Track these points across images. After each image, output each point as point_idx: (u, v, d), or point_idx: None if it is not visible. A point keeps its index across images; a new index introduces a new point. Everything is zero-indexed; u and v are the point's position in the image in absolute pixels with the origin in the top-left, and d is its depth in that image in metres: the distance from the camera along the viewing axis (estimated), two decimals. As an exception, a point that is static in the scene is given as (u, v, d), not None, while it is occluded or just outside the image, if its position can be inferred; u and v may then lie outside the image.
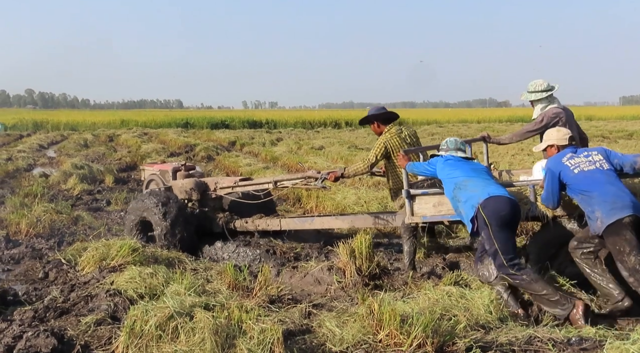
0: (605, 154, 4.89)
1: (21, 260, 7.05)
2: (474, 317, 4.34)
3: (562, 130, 5.31)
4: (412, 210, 5.74)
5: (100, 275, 5.77)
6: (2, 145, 26.41)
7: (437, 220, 5.81)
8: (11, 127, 40.77)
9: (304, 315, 4.76)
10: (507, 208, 4.75)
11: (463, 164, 5.33)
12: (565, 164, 4.86)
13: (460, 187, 5.06)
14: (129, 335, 4.09)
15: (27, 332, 4.28)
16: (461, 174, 5.14)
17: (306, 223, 7.51)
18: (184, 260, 6.55)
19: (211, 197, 8.27)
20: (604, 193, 4.58)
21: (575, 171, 4.77)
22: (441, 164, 5.36)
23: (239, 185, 8.00)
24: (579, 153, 4.94)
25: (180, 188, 8.25)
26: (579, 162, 4.82)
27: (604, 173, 4.71)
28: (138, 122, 46.04)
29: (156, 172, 9.27)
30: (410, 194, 5.70)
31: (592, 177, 4.69)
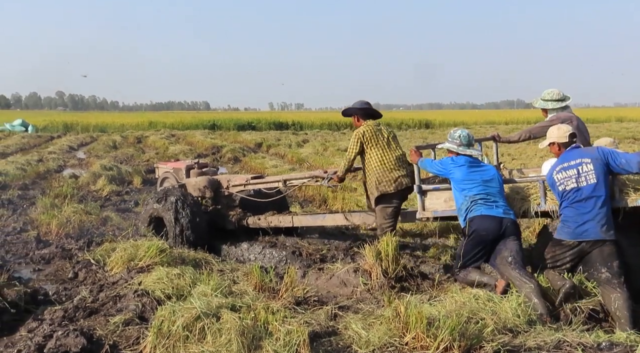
0: (600, 161, 4.90)
1: (51, 260, 7.16)
2: (501, 320, 4.29)
3: (562, 127, 5.29)
4: (423, 205, 5.86)
5: (129, 275, 5.82)
6: (33, 146, 26.85)
7: (448, 215, 5.84)
8: (42, 128, 41.37)
9: (329, 317, 4.75)
10: (491, 229, 5.16)
11: (477, 173, 5.42)
12: (554, 177, 5.07)
13: (466, 203, 5.32)
14: (156, 336, 4.13)
15: (57, 331, 4.34)
16: (471, 186, 5.34)
17: (318, 220, 7.59)
18: (210, 261, 6.58)
19: (224, 195, 8.33)
20: (566, 214, 4.96)
21: (559, 188, 5.02)
22: (453, 168, 5.48)
23: (251, 183, 8.08)
24: (574, 158, 5.01)
25: (193, 186, 8.31)
26: (564, 177, 4.98)
27: (580, 192, 4.87)
28: (166, 124, 46.45)
29: (170, 170, 9.42)
30: (421, 189, 5.82)
31: (566, 196, 4.96)
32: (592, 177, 4.86)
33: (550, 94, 6.28)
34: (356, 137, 6.40)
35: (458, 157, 5.56)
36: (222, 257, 7.30)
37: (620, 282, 4.70)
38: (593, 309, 4.66)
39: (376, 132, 6.42)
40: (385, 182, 6.27)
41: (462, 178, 5.40)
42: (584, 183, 4.87)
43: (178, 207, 7.52)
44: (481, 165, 5.58)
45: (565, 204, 4.97)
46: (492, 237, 5.16)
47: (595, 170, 4.87)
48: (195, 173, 8.96)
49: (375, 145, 6.35)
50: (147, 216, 7.85)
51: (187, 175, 9.03)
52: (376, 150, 6.35)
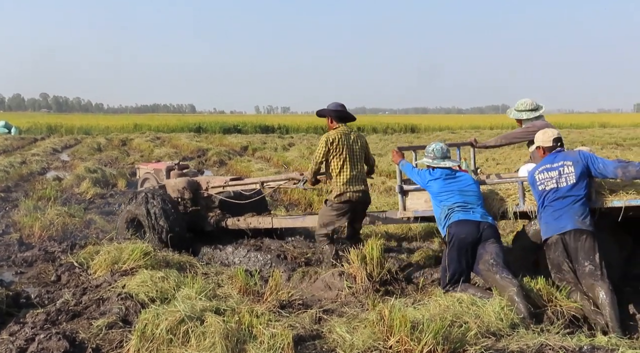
0: (581, 164, 5.13)
1: (34, 263, 7.09)
2: (484, 324, 4.31)
3: (548, 132, 5.49)
4: (404, 205, 6.02)
5: (112, 278, 5.80)
6: (17, 148, 26.61)
7: (429, 215, 5.92)
8: (25, 130, 41.02)
9: (314, 321, 4.75)
10: (469, 232, 5.24)
11: (452, 183, 5.57)
12: (536, 177, 5.29)
13: (444, 211, 5.46)
14: (140, 339, 4.10)
15: (39, 335, 4.32)
16: (448, 197, 5.49)
17: (297, 221, 7.67)
18: (195, 265, 6.57)
19: (203, 196, 8.39)
20: (545, 213, 5.16)
21: (539, 188, 5.24)
22: (430, 181, 5.64)
23: (229, 184, 8.14)
24: (556, 161, 5.23)
25: (173, 187, 8.38)
26: (545, 178, 5.20)
27: (557, 193, 5.11)
28: (151, 127, 46.22)
29: (150, 171, 9.51)
30: (402, 189, 5.98)
31: (545, 195, 5.18)
32: (572, 178, 5.10)
33: (524, 105, 6.45)
34: (324, 141, 6.41)
35: (435, 170, 5.69)
36: (200, 258, 7.27)
37: (603, 273, 4.86)
38: (574, 315, 4.70)
39: (345, 142, 6.39)
40: (336, 192, 6.32)
41: (439, 190, 5.55)
42: (564, 183, 5.11)
43: (156, 208, 7.55)
44: (457, 175, 5.67)
45: (544, 204, 5.18)
46: (471, 240, 5.25)
47: (576, 172, 5.10)
48: (175, 174, 9.00)
49: (339, 155, 6.35)
50: (126, 217, 7.86)
51: (167, 176, 9.06)
52: (338, 160, 6.35)
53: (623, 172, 5.03)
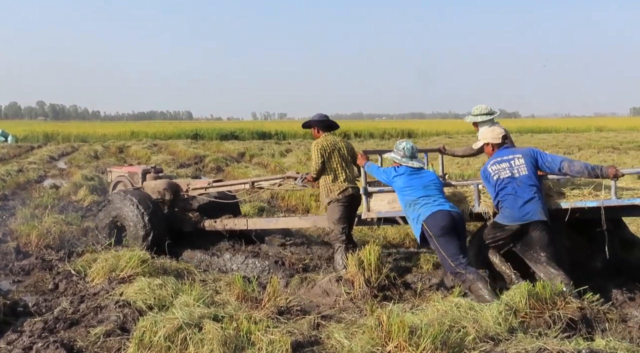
0: (530, 158, 5.49)
1: (31, 271, 7.07)
2: (483, 328, 4.31)
3: (496, 129, 5.89)
4: (368, 207, 6.26)
5: (110, 286, 5.78)
6: (13, 156, 26.58)
7: (391, 215, 6.24)
8: (22, 138, 41.02)
9: (312, 327, 4.75)
10: (446, 219, 5.45)
11: (416, 179, 5.81)
12: (489, 169, 5.59)
13: (410, 206, 5.68)
14: (138, 347, 4.10)
15: (37, 343, 4.31)
16: (412, 192, 5.72)
17: (271, 223, 7.99)
18: (193, 272, 6.56)
19: (183, 198, 8.59)
20: (506, 201, 5.40)
21: (494, 177, 5.52)
22: (395, 176, 5.89)
23: (213, 186, 8.41)
24: (506, 154, 5.59)
25: (152, 189, 8.48)
26: (499, 169, 5.51)
27: (515, 181, 5.41)
28: (148, 134, 46.26)
29: (124, 174, 9.55)
30: (367, 191, 6.24)
31: (504, 184, 5.45)
32: (524, 169, 5.42)
33: (479, 109, 6.78)
34: (316, 147, 6.68)
35: (400, 167, 5.94)
36: (198, 265, 7.25)
37: (558, 263, 5.30)
38: (571, 318, 4.70)
39: (333, 147, 6.70)
40: (334, 191, 6.58)
41: (404, 185, 5.79)
42: (517, 174, 5.42)
43: (140, 208, 7.68)
44: (421, 172, 5.91)
45: (502, 194, 5.44)
46: (451, 226, 5.45)
47: (526, 164, 5.44)
48: (151, 177, 9.12)
49: (329, 160, 6.65)
50: (107, 220, 7.98)
51: (143, 179, 9.14)
52: (330, 164, 6.66)
53: (569, 165, 5.37)
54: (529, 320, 4.63)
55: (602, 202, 5.29)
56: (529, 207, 5.28)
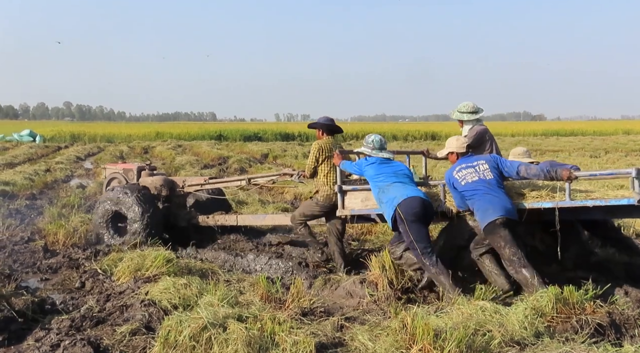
0: (493, 163, 5.77)
1: (58, 269, 7.17)
2: (508, 332, 4.27)
3: (461, 139, 6.11)
4: (343, 204, 6.53)
5: (135, 285, 5.85)
6: (41, 156, 26.98)
7: (365, 213, 6.51)
8: (50, 139, 41.56)
9: (336, 328, 4.75)
10: (419, 206, 5.66)
11: (386, 167, 6.12)
12: (455, 176, 5.79)
13: (383, 191, 5.90)
14: (163, 346, 4.14)
15: (64, 341, 4.37)
16: (384, 178, 5.98)
17: (259, 220, 8.52)
18: (217, 272, 6.61)
19: (178, 195, 9.05)
20: (482, 201, 5.52)
21: (462, 183, 5.71)
22: (366, 166, 6.16)
23: (209, 182, 8.92)
24: (470, 161, 5.85)
25: (150, 185, 8.85)
26: (466, 174, 5.73)
27: (485, 182, 5.61)
28: (172, 135, 46.59)
29: (119, 171, 9.93)
30: (342, 189, 6.50)
31: (475, 187, 5.62)
32: (489, 174, 5.68)
33: (466, 107, 6.92)
34: (316, 147, 7.06)
35: (370, 157, 6.23)
36: (222, 265, 7.29)
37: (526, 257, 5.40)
38: (599, 323, 4.64)
39: (330, 152, 7.01)
40: (322, 194, 6.95)
41: (375, 173, 6.04)
42: (485, 177, 5.65)
43: (141, 202, 8.12)
44: (391, 162, 6.22)
45: (477, 196, 5.58)
46: (422, 214, 5.67)
47: (490, 169, 5.71)
48: (146, 174, 9.46)
49: (326, 161, 6.99)
50: (105, 214, 8.31)
51: (138, 176, 9.52)
52: (326, 165, 6.99)
53: (526, 169, 5.61)
54: (556, 324, 4.58)
55: (556, 203, 5.44)
56: (509, 204, 5.49)
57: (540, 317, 4.54)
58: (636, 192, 5.09)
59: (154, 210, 8.22)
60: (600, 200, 5.30)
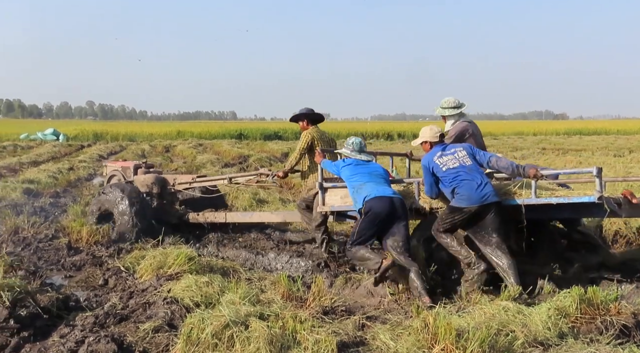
0: (470, 151, 5.94)
1: (82, 267, 7.25)
2: (531, 333, 4.24)
3: (434, 129, 6.21)
4: (323, 201, 6.75)
5: (158, 282, 5.89)
6: (64, 155, 27.30)
7: (344, 210, 6.73)
8: (73, 137, 42.00)
9: (357, 327, 4.75)
10: (386, 207, 5.86)
11: (362, 167, 6.34)
12: (436, 161, 5.90)
13: (357, 190, 6.13)
14: (186, 343, 4.17)
15: (88, 337, 4.42)
16: (359, 178, 6.20)
17: (246, 217, 8.78)
18: (238, 270, 6.63)
19: (170, 192, 9.35)
20: (462, 187, 5.68)
21: (443, 169, 5.83)
22: (342, 166, 6.41)
23: (197, 181, 9.21)
24: (447, 149, 5.98)
25: (142, 183, 9.21)
26: (447, 160, 5.86)
27: (466, 168, 5.76)
28: (193, 133, 46.85)
29: (118, 169, 10.40)
30: (322, 186, 6.73)
31: (456, 172, 5.76)
32: (468, 160, 5.83)
33: (448, 102, 6.98)
34: (305, 137, 7.39)
35: (349, 158, 6.47)
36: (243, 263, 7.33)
37: (506, 246, 5.64)
38: (625, 324, 4.58)
39: (321, 139, 7.46)
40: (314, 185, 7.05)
41: (351, 173, 6.28)
42: (465, 163, 5.80)
43: (126, 200, 8.47)
44: (368, 163, 6.45)
45: (457, 180, 5.72)
46: (386, 214, 5.86)
47: (468, 155, 5.87)
48: (142, 171, 9.80)
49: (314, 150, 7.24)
50: (97, 209, 8.80)
51: (134, 173, 9.85)
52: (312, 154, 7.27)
53: (496, 160, 5.84)
54: (580, 325, 4.53)
55: (522, 200, 5.60)
56: (486, 189, 5.61)
57: (564, 318, 4.49)
58: (597, 190, 5.20)
59: (140, 205, 8.53)
60: (563, 198, 5.48)
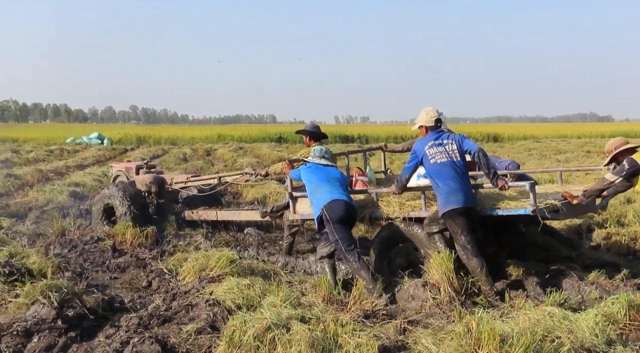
0: (459, 144, 5.99)
1: (126, 268, 7.39)
2: (578, 339, 4.15)
3: (430, 113, 6.20)
4: (294, 209, 7.06)
5: (200, 285, 5.96)
6: (109, 158, 27.79)
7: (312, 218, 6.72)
8: (117, 141, 42.77)
9: (399, 331, 4.72)
10: (343, 210, 6.17)
11: (320, 171, 6.61)
12: (426, 152, 5.97)
13: (313, 192, 6.41)
14: (228, 345, 4.20)
15: (133, 338, 4.50)
16: (316, 180, 6.47)
17: (235, 215, 9.30)
18: (279, 273, 6.67)
19: (168, 190, 9.96)
20: (446, 187, 5.78)
21: (431, 161, 5.92)
22: (303, 170, 6.73)
23: (191, 180, 9.87)
24: (441, 138, 6.03)
25: (141, 182, 9.79)
26: (436, 152, 5.92)
27: (452, 167, 5.84)
28: (234, 137, 47.16)
29: (122, 169, 11.16)
30: (292, 196, 7.03)
31: (442, 170, 5.85)
32: (457, 155, 5.91)
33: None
34: (302, 151, 7.70)
35: (309, 164, 6.77)
36: (284, 266, 7.44)
37: (478, 247, 5.77)
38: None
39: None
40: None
41: (309, 176, 6.57)
42: (453, 159, 5.88)
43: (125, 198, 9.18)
44: (327, 168, 6.69)
45: (442, 179, 5.81)
46: (345, 216, 6.16)
47: (458, 149, 5.93)
48: (144, 172, 10.39)
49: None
50: (100, 206, 9.47)
51: (136, 173, 10.48)
52: None
53: (481, 157, 5.82)
54: (629, 332, 4.43)
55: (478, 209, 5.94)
56: (467, 192, 5.78)
57: (611, 324, 4.40)
58: (530, 203, 5.55)
59: (138, 202, 9.26)
60: (503, 209, 5.85)
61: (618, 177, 5.91)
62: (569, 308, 4.86)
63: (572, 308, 5.02)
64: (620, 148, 6.17)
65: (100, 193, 9.74)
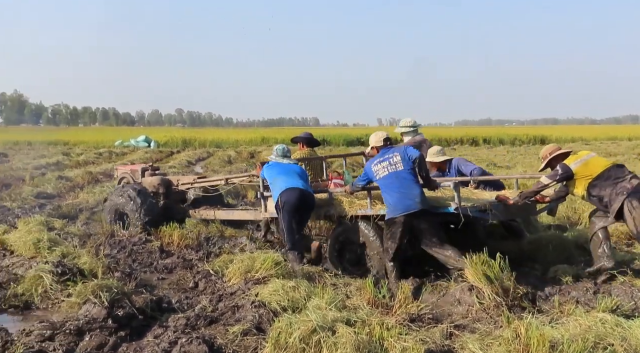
0: (403, 154, 6.37)
1: (173, 269, 7.50)
2: (632, 347, 4.04)
3: (379, 134, 6.76)
4: (265, 208, 7.89)
5: (246, 286, 6.01)
6: (156, 161, 28.21)
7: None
8: (163, 144, 43.50)
9: (445, 336, 4.68)
10: (297, 196, 6.97)
11: (279, 167, 7.45)
12: (372, 169, 6.46)
13: (272, 184, 7.31)
14: (274, 347, 4.24)
15: (181, 338, 4.56)
16: (274, 173, 7.33)
17: (230, 215, 9.56)
18: (323, 275, 6.67)
19: (175, 191, 10.37)
20: (391, 199, 6.23)
21: (377, 177, 6.40)
22: (265, 168, 7.57)
23: (197, 181, 10.32)
24: (388, 153, 6.44)
25: (149, 184, 10.29)
26: (380, 168, 6.37)
27: (395, 178, 6.24)
28: (277, 139, 47.25)
29: (128, 171, 11.35)
30: (263, 195, 7.82)
31: (386, 183, 6.30)
32: (400, 165, 6.28)
33: (405, 122, 8.41)
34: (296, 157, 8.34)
35: (272, 162, 7.58)
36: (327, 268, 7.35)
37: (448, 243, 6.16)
38: None
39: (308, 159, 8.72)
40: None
41: (270, 172, 7.42)
42: (396, 169, 6.26)
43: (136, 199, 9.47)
44: (287, 165, 7.47)
45: (388, 190, 6.25)
46: (298, 204, 6.97)
47: (403, 161, 6.30)
48: (149, 174, 10.75)
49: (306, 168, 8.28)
50: (111, 208, 9.74)
51: (142, 175, 10.78)
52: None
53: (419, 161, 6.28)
54: (684, 340, 4.27)
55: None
56: (409, 200, 6.09)
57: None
58: (455, 202, 6.10)
59: (148, 203, 9.55)
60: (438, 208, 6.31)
61: (552, 181, 6.29)
62: (621, 315, 4.72)
63: (625, 314, 4.89)
64: (554, 153, 6.58)
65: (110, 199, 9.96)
